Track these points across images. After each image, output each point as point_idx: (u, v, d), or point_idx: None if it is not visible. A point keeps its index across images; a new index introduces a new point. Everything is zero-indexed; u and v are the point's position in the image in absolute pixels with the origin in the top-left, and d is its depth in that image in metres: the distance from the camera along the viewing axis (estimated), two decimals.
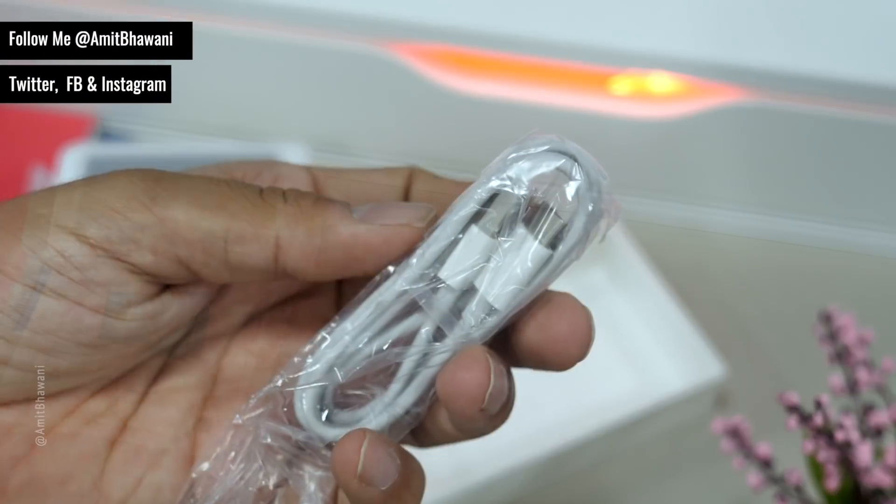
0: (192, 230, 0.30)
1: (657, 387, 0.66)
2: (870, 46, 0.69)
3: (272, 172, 0.35)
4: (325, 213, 0.31)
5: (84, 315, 0.31)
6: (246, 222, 0.30)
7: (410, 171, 0.36)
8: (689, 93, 0.72)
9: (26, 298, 0.30)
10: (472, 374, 0.31)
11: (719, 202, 0.77)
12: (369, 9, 0.70)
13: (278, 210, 0.31)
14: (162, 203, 0.30)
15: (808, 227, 0.76)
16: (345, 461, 0.31)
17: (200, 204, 0.30)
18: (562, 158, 0.32)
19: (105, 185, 0.31)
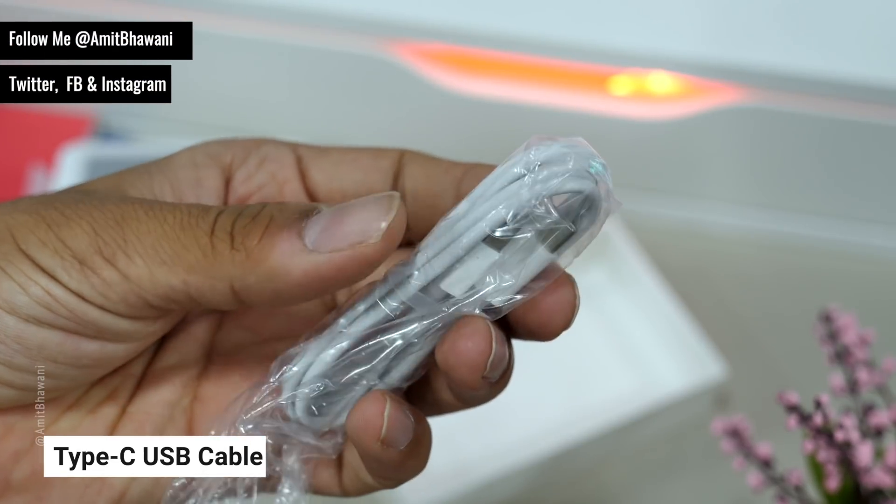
0: (155, 286, 0.30)
1: (657, 387, 0.66)
2: (870, 46, 0.69)
3: (259, 155, 0.35)
4: (273, 252, 0.30)
5: (82, 343, 0.31)
6: (202, 276, 0.30)
7: (401, 153, 0.36)
8: (689, 93, 0.72)
9: (22, 329, 0.30)
10: (473, 342, 0.31)
11: (719, 202, 0.77)
12: (369, 9, 0.70)
13: (226, 259, 0.30)
14: (123, 259, 0.30)
15: (808, 227, 0.76)
16: (367, 426, 0.31)
17: (158, 258, 0.30)
18: (587, 182, 0.32)
19: (72, 232, 0.30)
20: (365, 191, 0.35)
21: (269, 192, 0.35)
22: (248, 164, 0.35)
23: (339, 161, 0.35)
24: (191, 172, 0.34)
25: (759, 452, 0.49)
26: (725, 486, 0.63)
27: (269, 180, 0.35)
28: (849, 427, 0.44)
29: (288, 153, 0.35)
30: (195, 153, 0.35)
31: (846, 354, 0.50)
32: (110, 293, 0.30)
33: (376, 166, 0.35)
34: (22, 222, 0.31)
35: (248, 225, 0.30)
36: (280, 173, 0.35)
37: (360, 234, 0.30)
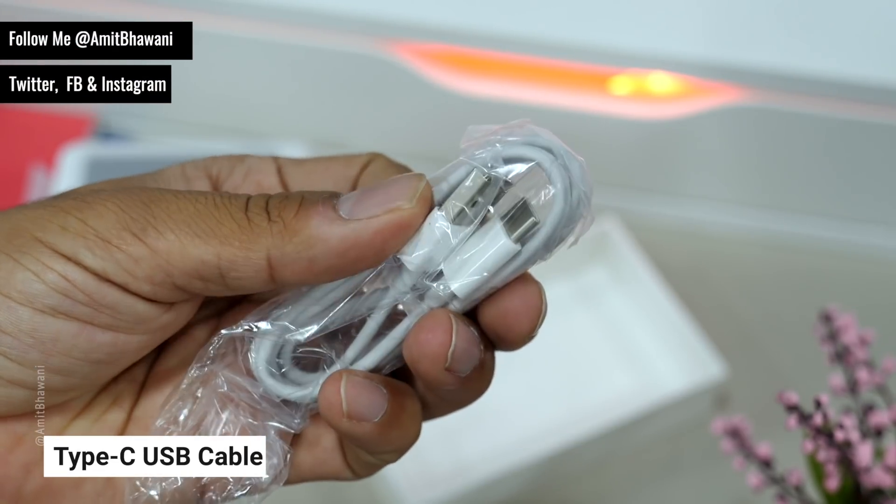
0: (185, 260, 0.30)
1: (657, 387, 0.66)
2: (870, 46, 0.69)
3: (244, 167, 0.35)
4: (310, 222, 0.30)
5: (96, 334, 0.31)
6: (236, 248, 0.30)
7: (369, 157, 0.36)
8: (689, 93, 0.72)
9: (37, 321, 0.30)
10: (433, 334, 0.31)
11: (719, 202, 0.77)
12: (369, 9, 0.70)
13: (264, 230, 0.30)
14: (153, 233, 0.30)
15: (808, 227, 0.76)
16: (329, 404, 0.31)
17: (191, 231, 0.30)
18: (543, 155, 0.32)
19: (96, 212, 0.30)
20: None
21: None
22: (234, 176, 0.35)
23: (312, 170, 0.35)
24: (183, 184, 0.35)
25: (759, 452, 0.49)
26: (725, 486, 0.63)
27: (256, 188, 0.35)
28: (849, 427, 0.44)
29: (269, 163, 0.36)
30: (185, 166, 0.35)
31: (846, 354, 0.50)
32: (136, 269, 0.30)
33: (344, 174, 0.35)
34: (38, 215, 0.31)
35: (282, 201, 0.31)
36: (265, 182, 0.35)
37: (394, 200, 0.30)
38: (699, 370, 0.65)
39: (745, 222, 0.77)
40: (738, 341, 0.70)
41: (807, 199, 0.76)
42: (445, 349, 0.31)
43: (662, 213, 0.77)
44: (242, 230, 0.30)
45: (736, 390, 0.67)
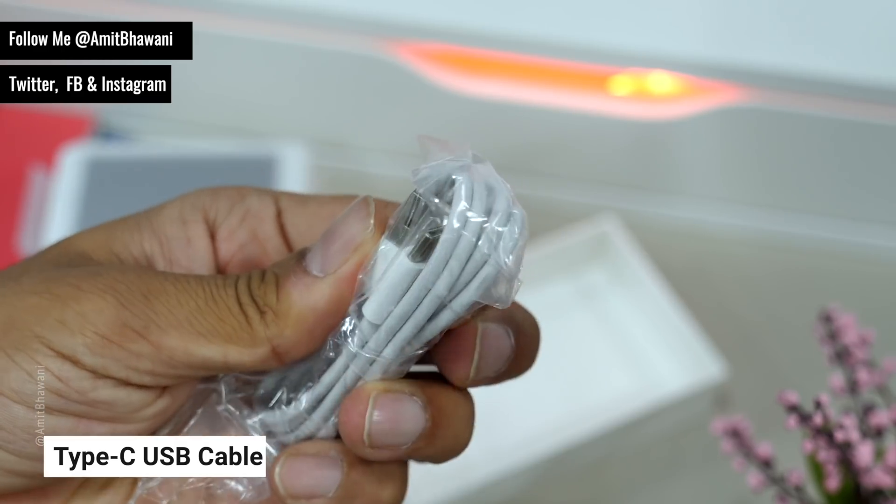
0: (190, 358, 0.31)
1: (657, 387, 0.66)
2: (870, 46, 0.69)
3: (241, 209, 0.35)
4: (292, 298, 0.31)
5: (93, 426, 0.31)
6: (242, 346, 0.31)
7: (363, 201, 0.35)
8: (689, 93, 0.72)
9: (32, 419, 0.30)
10: (347, 416, 0.31)
11: (719, 202, 0.77)
12: (369, 9, 0.70)
13: (259, 323, 0.31)
14: (155, 331, 0.30)
15: (808, 227, 0.76)
16: (274, 487, 0.32)
17: (194, 330, 0.30)
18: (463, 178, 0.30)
19: (95, 307, 0.30)
20: None
21: (251, 252, 0.35)
22: (230, 220, 0.35)
23: (315, 213, 0.35)
24: (180, 230, 0.34)
25: (759, 452, 0.49)
26: (725, 486, 0.63)
27: (251, 240, 0.35)
28: (849, 427, 0.44)
29: (269, 206, 0.35)
30: (184, 206, 0.35)
31: (846, 354, 0.50)
32: (138, 364, 0.30)
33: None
34: (34, 305, 0.30)
35: (261, 287, 0.31)
36: (261, 230, 0.35)
37: (355, 237, 0.30)
38: (699, 370, 0.65)
39: (745, 222, 0.77)
40: (738, 341, 0.70)
41: (807, 199, 0.76)
42: (359, 431, 0.31)
43: (662, 213, 0.77)
44: (243, 327, 0.31)
45: (736, 390, 0.67)
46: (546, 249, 0.71)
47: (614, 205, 0.76)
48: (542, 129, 0.75)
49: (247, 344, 0.31)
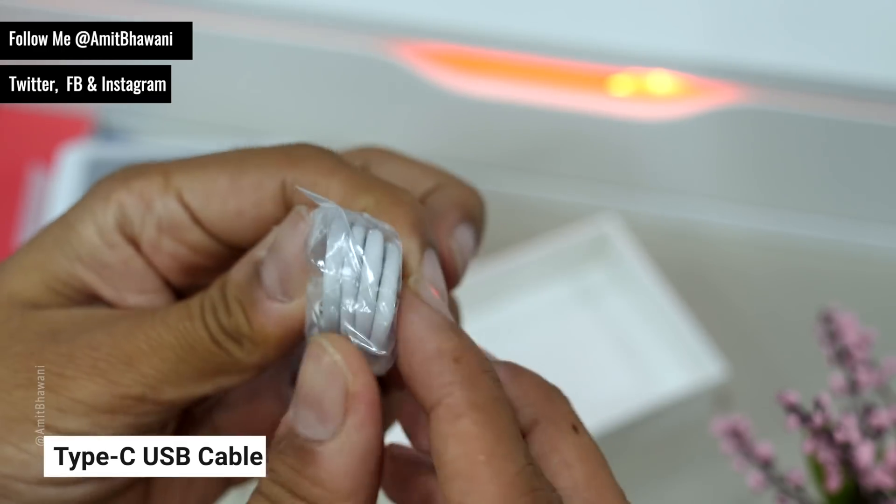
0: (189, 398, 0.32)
1: (657, 387, 0.66)
2: (870, 46, 0.69)
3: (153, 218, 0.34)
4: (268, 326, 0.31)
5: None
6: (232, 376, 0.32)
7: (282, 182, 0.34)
8: (689, 93, 0.72)
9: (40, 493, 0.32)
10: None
11: (719, 202, 0.77)
12: (369, 9, 0.70)
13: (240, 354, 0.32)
14: (152, 393, 0.32)
15: (808, 227, 0.76)
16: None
17: (184, 377, 0.32)
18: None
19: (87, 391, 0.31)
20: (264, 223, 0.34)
21: (183, 256, 0.35)
22: (147, 232, 0.34)
23: (223, 213, 0.34)
24: (111, 254, 0.34)
25: (759, 452, 0.49)
26: (725, 486, 0.63)
27: (178, 247, 0.34)
28: (849, 427, 0.44)
29: (176, 208, 0.34)
30: (100, 226, 0.34)
31: (846, 354, 0.50)
32: (146, 419, 0.32)
33: (260, 215, 0.34)
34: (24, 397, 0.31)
35: (230, 319, 0.31)
36: (184, 236, 0.34)
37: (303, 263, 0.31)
38: (699, 370, 0.65)
39: (745, 222, 0.77)
40: (738, 341, 0.70)
41: (807, 199, 0.76)
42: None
43: (662, 213, 0.77)
44: (227, 361, 0.32)
45: (736, 390, 0.67)
46: (546, 249, 0.70)
47: (614, 205, 0.76)
48: (542, 129, 0.75)
49: (235, 371, 0.32)
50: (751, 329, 0.72)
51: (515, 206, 0.78)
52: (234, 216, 0.34)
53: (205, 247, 0.34)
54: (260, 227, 0.34)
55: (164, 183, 0.34)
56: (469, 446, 0.27)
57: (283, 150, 0.34)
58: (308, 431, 0.29)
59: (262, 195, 0.34)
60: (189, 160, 0.35)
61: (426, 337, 0.29)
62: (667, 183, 0.77)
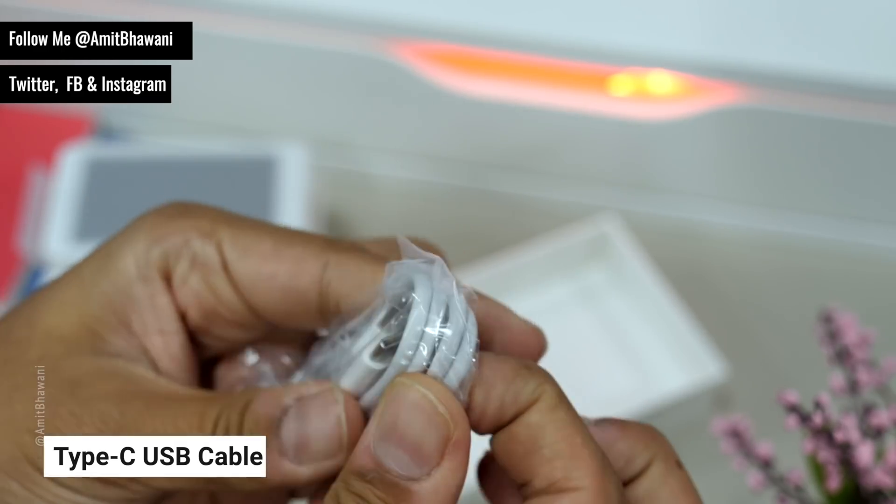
0: (173, 489, 0.33)
1: (657, 387, 0.66)
2: (870, 46, 0.69)
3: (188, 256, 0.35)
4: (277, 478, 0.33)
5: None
6: (217, 485, 0.33)
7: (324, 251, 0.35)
8: (689, 93, 0.72)
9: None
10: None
11: (719, 202, 0.77)
12: (369, 9, 0.70)
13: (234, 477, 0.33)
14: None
15: (808, 227, 0.76)
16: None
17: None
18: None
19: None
20: (288, 310, 0.35)
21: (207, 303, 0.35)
22: (181, 266, 0.35)
23: (256, 274, 0.35)
24: (143, 289, 0.35)
25: (759, 452, 0.49)
26: (725, 486, 0.63)
27: (203, 288, 0.35)
28: (849, 427, 0.44)
29: (213, 255, 0.35)
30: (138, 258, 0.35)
31: (846, 354, 0.50)
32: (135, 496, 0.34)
33: (293, 287, 0.35)
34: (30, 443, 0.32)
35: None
36: (212, 280, 0.35)
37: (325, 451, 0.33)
38: (699, 370, 0.65)
39: (745, 222, 0.77)
40: (738, 341, 0.70)
41: (807, 199, 0.76)
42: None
43: (662, 213, 0.77)
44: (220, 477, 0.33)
45: (736, 390, 0.67)
46: (546, 249, 0.71)
47: (614, 205, 0.76)
48: (542, 129, 0.75)
49: (222, 485, 0.33)
50: (751, 329, 0.72)
51: (515, 206, 0.78)
52: (267, 279, 0.34)
53: (227, 298, 0.35)
54: (288, 298, 0.35)
55: (210, 229, 0.35)
56: (567, 431, 0.31)
57: (329, 238, 0.36)
58: (401, 469, 0.30)
59: (301, 268, 0.34)
60: (241, 217, 0.36)
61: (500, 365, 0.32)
62: (667, 183, 0.77)
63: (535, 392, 0.31)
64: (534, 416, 0.31)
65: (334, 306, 0.34)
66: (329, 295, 0.34)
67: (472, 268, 0.69)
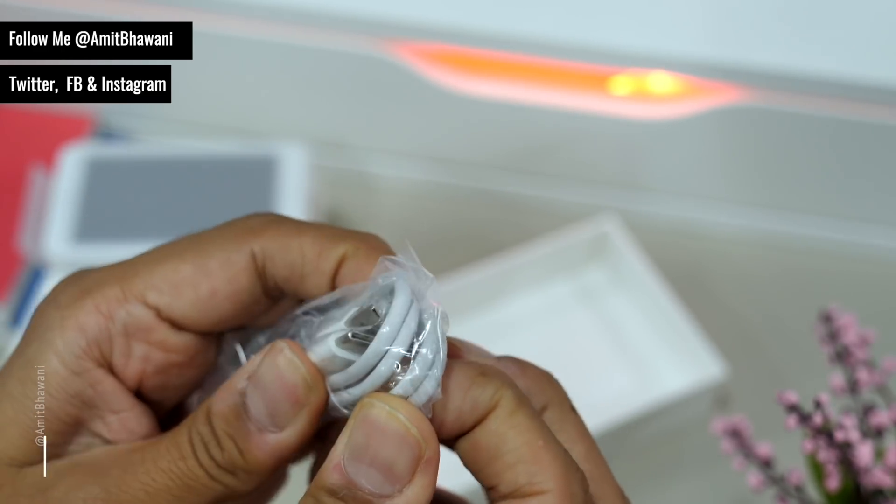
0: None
1: (657, 387, 0.66)
2: (870, 46, 0.69)
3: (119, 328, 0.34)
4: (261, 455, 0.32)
5: None
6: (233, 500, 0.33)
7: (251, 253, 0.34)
8: (689, 93, 0.72)
9: None
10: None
11: (719, 202, 0.77)
12: (369, 9, 0.70)
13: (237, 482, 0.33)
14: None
15: (808, 227, 0.76)
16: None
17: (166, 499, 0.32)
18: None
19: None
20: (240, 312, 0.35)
21: (157, 360, 0.35)
22: (117, 347, 0.34)
23: (196, 301, 0.34)
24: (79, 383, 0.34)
25: (759, 452, 0.49)
26: (725, 486, 0.63)
27: (148, 349, 0.34)
28: (849, 427, 0.44)
29: (143, 312, 0.34)
30: (62, 356, 0.33)
31: (846, 354, 0.50)
32: None
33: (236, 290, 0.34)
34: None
35: (223, 455, 0.32)
36: (153, 337, 0.34)
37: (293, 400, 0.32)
38: (699, 370, 0.65)
39: (745, 222, 0.77)
40: (738, 341, 0.70)
41: (807, 199, 0.76)
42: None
43: (662, 213, 0.77)
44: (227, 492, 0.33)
45: (736, 390, 0.67)
46: (546, 249, 0.71)
47: (614, 205, 0.76)
48: (542, 129, 0.75)
49: (231, 498, 0.33)
50: (751, 329, 0.72)
51: (515, 206, 0.78)
52: (208, 298, 0.34)
53: (174, 343, 0.35)
54: (236, 303, 0.34)
55: (122, 291, 0.34)
56: (528, 435, 0.30)
57: (240, 224, 0.35)
58: (373, 487, 0.30)
59: (233, 271, 0.34)
60: (144, 258, 0.34)
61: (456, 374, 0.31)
62: (667, 183, 0.77)
63: (492, 398, 0.31)
64: (493, 423, 0.31)
65: (274, 287, 0.35)
66: (267, 278, 0.34)
67: (473, 268, 0.69)
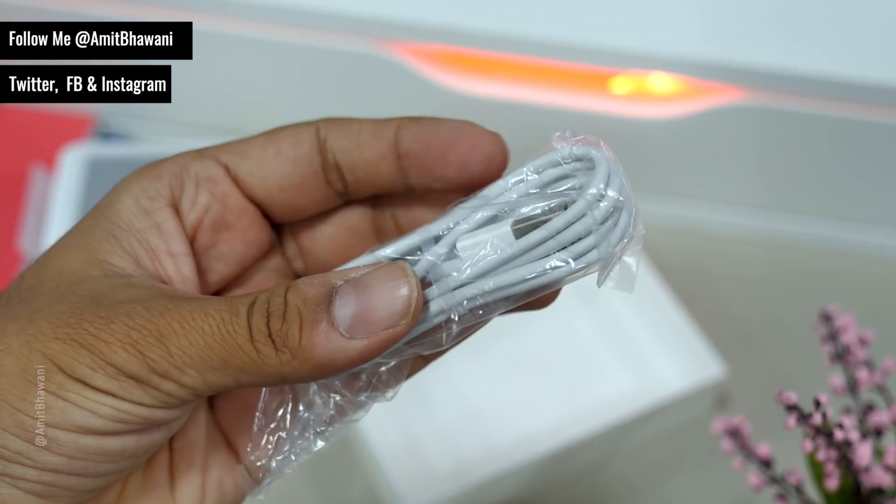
0: (210, 388, 0.32)
1: (657, 387, 0.66)
2: (870, 46, 0.69)
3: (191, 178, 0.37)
4: (316, 350, 0.31)
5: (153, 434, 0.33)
6: (253, 376, 0.32)
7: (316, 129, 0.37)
8: (689, 93, 0.72)
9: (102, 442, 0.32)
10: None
11: (719, 202, 0.77)
12: (369, 9, 0.70)
13: (274, 360, 0.32)
14: (175, 373, 0.32)
15: (808, 227, 0.76)
16: None
17: (207, 366, 0.32)
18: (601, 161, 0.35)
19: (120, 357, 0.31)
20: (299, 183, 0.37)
21: (215, 213, 0.37)
22: (187, 192, 0.37)
23: (262, 160, 0.37)
24: (146, 220, 0.36)
25: (759, 452, 0.49)
26: (725, 486, 0.63)
27: (211, 200, 0.37)
28: (848, 427, 0.44)
29: (214, 166, 0.37)
30: (137, 197, 0.36)
31: (846, 354, 0.50)
32: (171, 399, 0.32)
33: (298, 155, 0.37)
34: (61, 351, 0.31)
35: (282, 326, 0.32)
36: (217, 189, 0.37)
37: (389, 320, 0.32)
38: (699, 370, 0.65)
39: (745, 222, 0.77)
40: (738, 341, 0.70)
41: (807, 199, 0.76)
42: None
43: (662, 213, 0.77)
44: (254, 362, 0.32)
45: (736, 390, 0.67)
46: None
47: None
48: (542, 129, 0.75)
49: (258, 375, 0.32)
50: (751, 329, 0.72)
51: None
52: (273, 157, 0.36)
53: (234, 202, 0.37)
54: (297, 167, 0.36)
55: (199, 153, 0.37)
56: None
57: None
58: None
59: (298, 137, 0.36)
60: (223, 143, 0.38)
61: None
62: (667, 182, 0.77)
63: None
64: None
65: (333, 162, 0.36)
66: (327, 151, 0.36)
67: None
